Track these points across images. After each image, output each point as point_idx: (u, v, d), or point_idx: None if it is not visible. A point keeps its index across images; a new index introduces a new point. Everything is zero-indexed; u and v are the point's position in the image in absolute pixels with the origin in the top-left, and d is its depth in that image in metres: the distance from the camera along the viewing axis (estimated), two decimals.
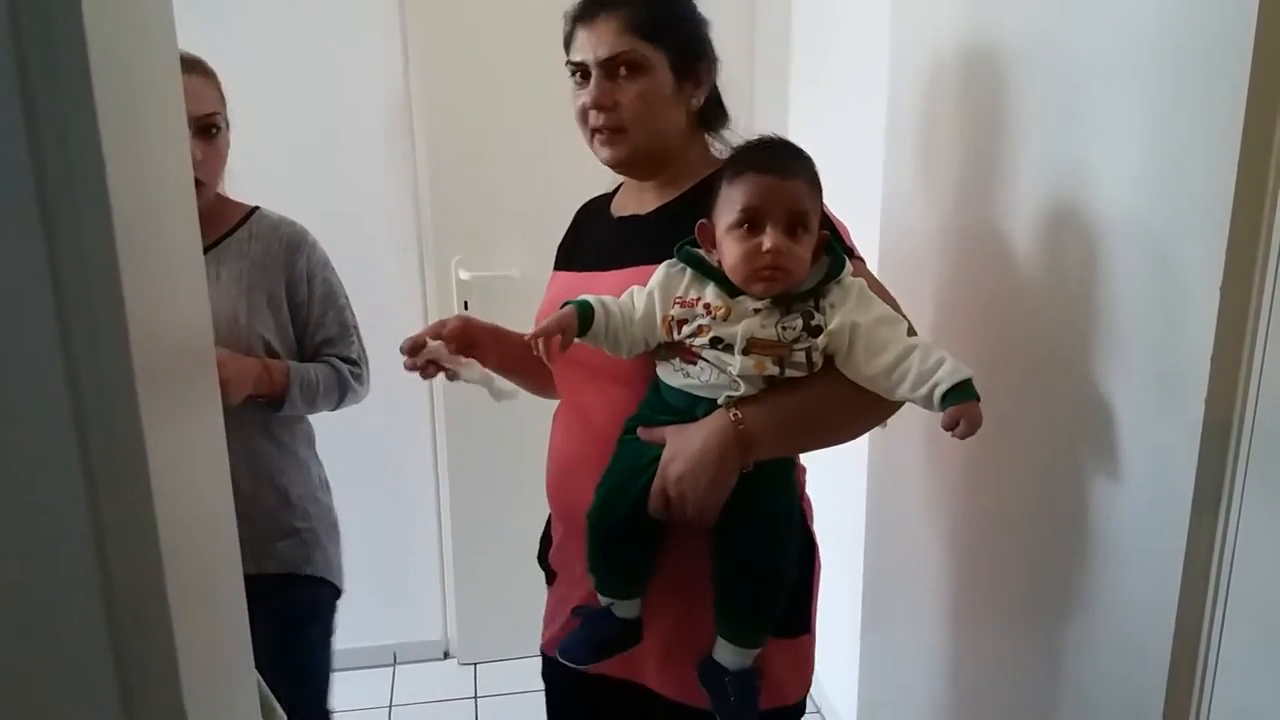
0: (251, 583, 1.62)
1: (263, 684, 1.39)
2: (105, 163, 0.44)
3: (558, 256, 1.48)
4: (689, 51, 1.26)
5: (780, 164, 1.15)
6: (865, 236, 1.89)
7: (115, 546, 0.48)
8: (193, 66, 1.54)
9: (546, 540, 1.49)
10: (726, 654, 1.22)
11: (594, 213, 1.45)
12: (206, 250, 1.60)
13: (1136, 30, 1.14)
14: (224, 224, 1.64)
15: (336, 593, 1.78)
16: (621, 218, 1.36)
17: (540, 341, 1.12)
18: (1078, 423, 1.30)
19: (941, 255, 1.64)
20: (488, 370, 1.37)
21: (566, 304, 1.17)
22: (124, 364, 0.46)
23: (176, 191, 0.60)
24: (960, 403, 1.09)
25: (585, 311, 1.16)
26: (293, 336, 1.68)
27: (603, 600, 1.27)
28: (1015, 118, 1.41)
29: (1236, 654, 1.07)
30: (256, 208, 1.69)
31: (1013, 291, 1.45)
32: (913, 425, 1.74)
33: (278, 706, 1.42)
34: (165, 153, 0.58)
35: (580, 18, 1.27)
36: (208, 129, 1.56)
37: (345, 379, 1.70)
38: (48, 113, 0.43)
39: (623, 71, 1.23)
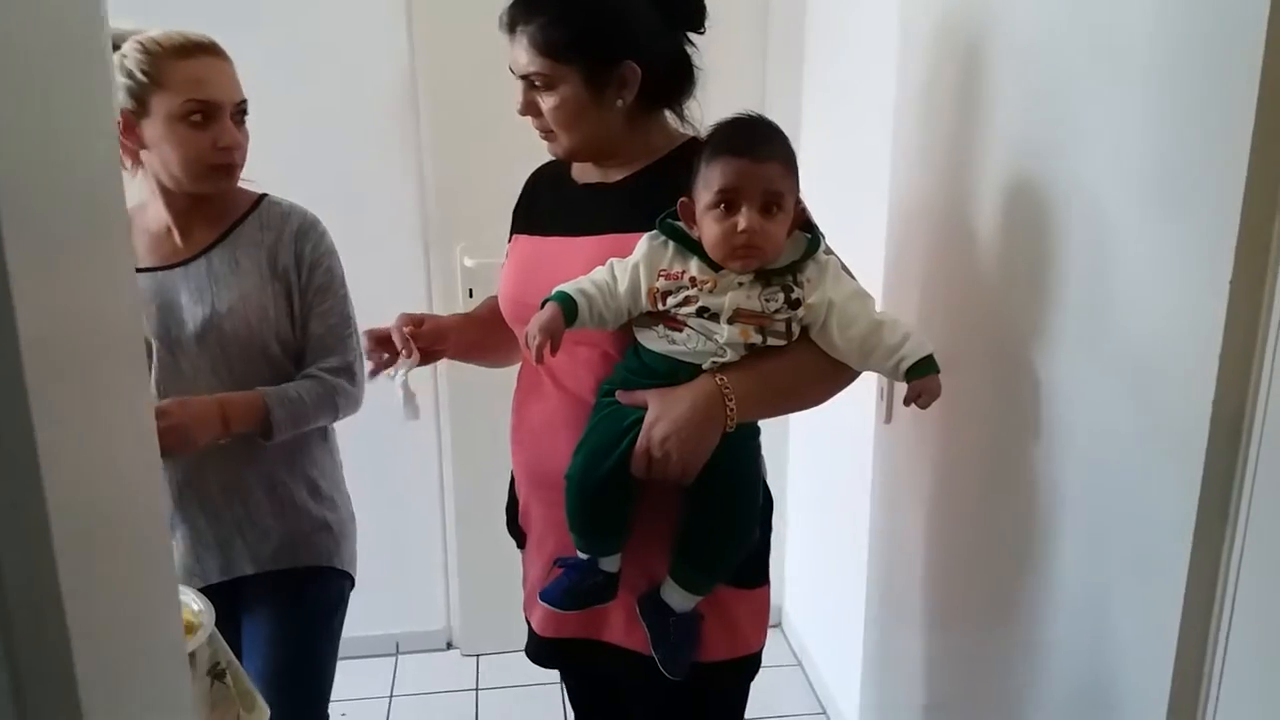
0: (286, 576, 1.61)
1: (246, 678, 1.38)
2: None
3: (514, 220, 1.49)
4: (601, 62, 1.25)
5: (755, 146, 1.18)
6: (874, 212, 1.85)
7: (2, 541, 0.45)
8: (220, 52, 1.51)
9: (513, 507, 1.50)
10: (675, 596, 1.27)
11: (550, 177, 1.45)
12: (222, 237, 1.57)
13: (1146, 14, 1.12)
14: (236, 211, 1.59)
15: (353, 585, 1.76)
16: (587, 184, 1.38)
17: (534, 351, 1.17)
18: (1082, 421, 1.27)
19: (949, 235, 1.62)
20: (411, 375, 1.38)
21: (546, 301, 1.20)
22: (11, 361, 0.43)
23: (99, 180, 0.57)
24: (922, 376, 1.20)
25: (568, 305, 1.20)
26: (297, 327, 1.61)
27: (584, 556, 1.30)
28: (1022, 103, 1.38)
29: (1243, 658, 1.04)
30: (265, 195, 1.65)
31: (1010, 282, 1.42)
32: (917, 432, 1.70)
33: (261, 701, 1.40)
34: (79, 144, 0.54)
35: (505, 30, 1.29)
36: (243, 114, 1.55)
37: (335, 389, 1.59)
38: None
39: (538, 84, 1.26)
